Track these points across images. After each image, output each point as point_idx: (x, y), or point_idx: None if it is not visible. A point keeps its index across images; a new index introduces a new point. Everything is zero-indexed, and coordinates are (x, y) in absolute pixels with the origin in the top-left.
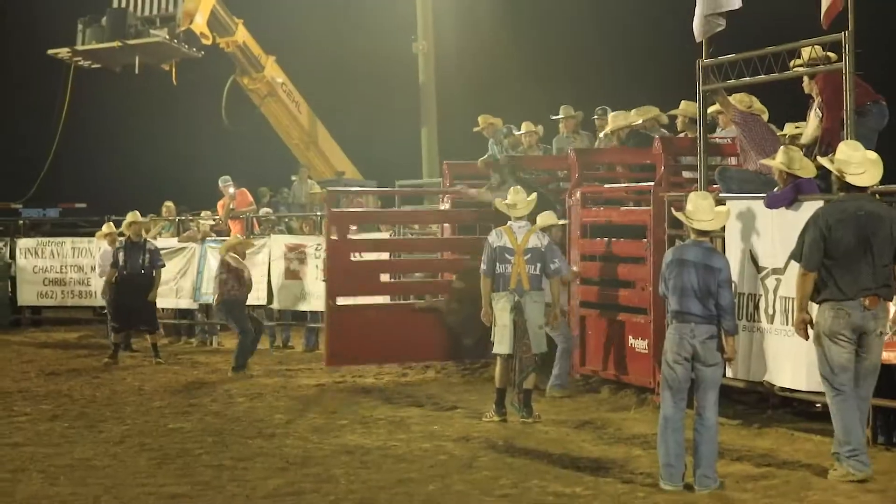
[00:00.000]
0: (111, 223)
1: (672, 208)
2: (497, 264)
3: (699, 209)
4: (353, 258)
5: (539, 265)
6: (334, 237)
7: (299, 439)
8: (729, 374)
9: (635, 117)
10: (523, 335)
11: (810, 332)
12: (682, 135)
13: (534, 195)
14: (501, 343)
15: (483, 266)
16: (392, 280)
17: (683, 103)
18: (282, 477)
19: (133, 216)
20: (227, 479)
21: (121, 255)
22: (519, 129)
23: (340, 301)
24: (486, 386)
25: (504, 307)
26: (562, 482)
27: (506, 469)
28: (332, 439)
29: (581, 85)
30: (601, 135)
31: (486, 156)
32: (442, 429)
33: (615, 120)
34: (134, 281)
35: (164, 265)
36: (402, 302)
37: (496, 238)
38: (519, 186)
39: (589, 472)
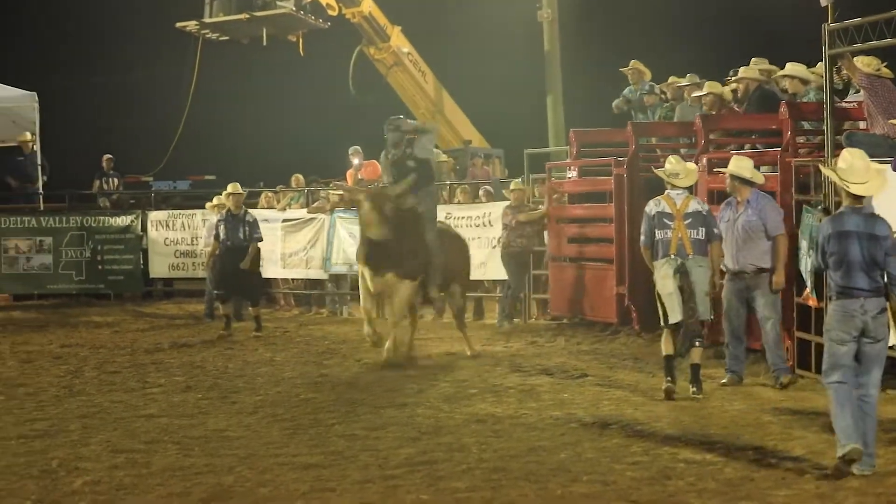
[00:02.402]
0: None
1: (821, 166)
2: (656, 231)
3: (853, 169)
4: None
5: (702, 229)
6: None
7: (430, 409)
8: None
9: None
10: (689, 299)
11: None
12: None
13: (693, 165)
14: (673, 311)
15: (642, 237)
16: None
17: (789, 65)
18: (414, 446)
19: (233, 187)
20: (359, 449)
21: (221, 228)
22: (654, 90)
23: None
24: (614, 355)
25: (667, 273)
26: (692, 449)
27: (636, 436)
28: (463, 408)
29: (706, 51)
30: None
31: (619, 99)
32: (572, 397)
33: (746, 71)
34: (236, 253)
35: (261, 238)
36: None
37: (654, 206)
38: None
39: (719, 439)
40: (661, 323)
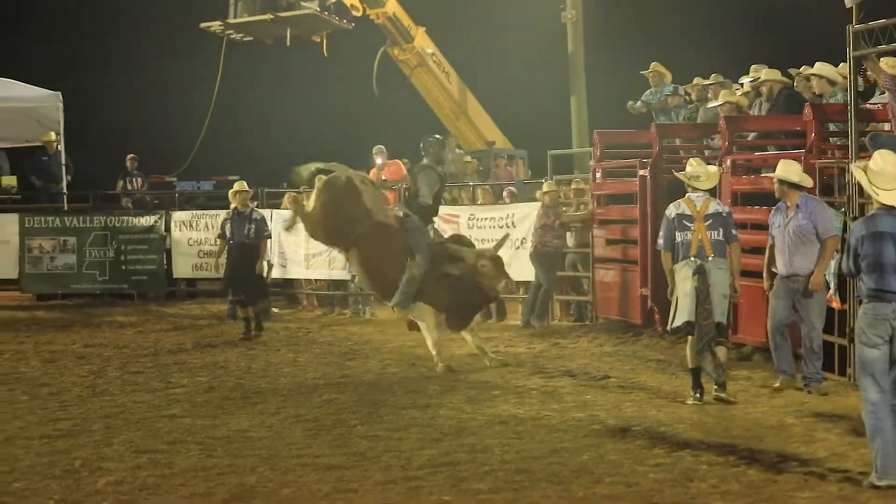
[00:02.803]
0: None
1: (851, 166)
2: (676, 233)
3: (883, 175)
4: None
5: (721, 230)
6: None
7: (453, 409)
8: None
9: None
10: (705, 300)
11: None
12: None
13: (715, 168)
14: (682, 312)
15: (660, 241)
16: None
17: (818, 65)
18: (436, 447)
19: (239, 185)
20: (382, 450)
21: (227, 226)
22: (677, 91)
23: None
24: (636, 356)
25: (686, 275)
26: (715, 451)
27: (659, 438)
28: (486, 409)
29: (729, 51)
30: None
31: (638, 102)
32: (594, 398)
33: (769, 73)
34: (241, 251)
35: (269, 236)
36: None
37: (674, 209)
38: (699, 160)
39: (742, 441)
40: (668, 326)
